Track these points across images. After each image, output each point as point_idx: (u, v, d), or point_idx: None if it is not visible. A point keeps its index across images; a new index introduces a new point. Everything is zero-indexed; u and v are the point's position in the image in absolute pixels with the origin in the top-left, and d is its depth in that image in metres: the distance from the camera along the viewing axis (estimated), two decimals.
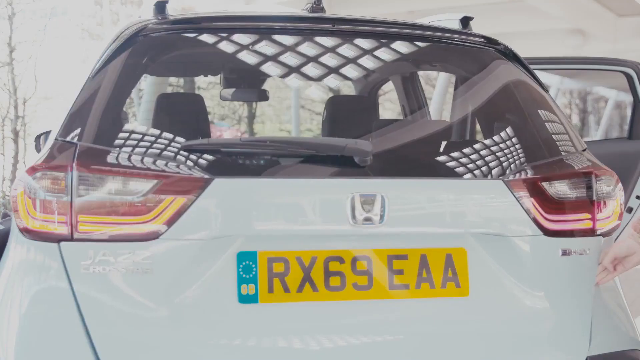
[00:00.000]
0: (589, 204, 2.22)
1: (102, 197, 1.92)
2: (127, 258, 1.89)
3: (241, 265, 1.97)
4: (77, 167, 1.92)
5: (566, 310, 2.16)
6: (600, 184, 2.27)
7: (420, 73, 4.61)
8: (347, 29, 2.39)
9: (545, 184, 2.17)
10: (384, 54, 2.42)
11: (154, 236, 1.91)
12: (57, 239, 1.95)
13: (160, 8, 2.31)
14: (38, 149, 3.61)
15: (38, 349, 1.92)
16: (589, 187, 2.22)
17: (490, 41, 2.48)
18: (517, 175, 2.17)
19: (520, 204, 2.13)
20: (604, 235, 2.28)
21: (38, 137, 3.60)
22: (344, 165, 2.07)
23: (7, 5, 17.76)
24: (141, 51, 2.20)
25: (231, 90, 3.59)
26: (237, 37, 2.30)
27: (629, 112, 4.42)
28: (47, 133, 3.04)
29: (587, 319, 2.18)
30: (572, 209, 2.20)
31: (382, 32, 2.43)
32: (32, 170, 2.00)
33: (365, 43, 2.39)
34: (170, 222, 1.91)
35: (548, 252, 2.16)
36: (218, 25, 2.34)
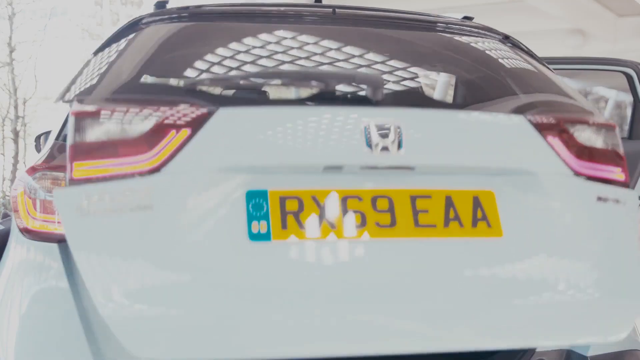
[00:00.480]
0: (618, 157, 2.12)
1: (99, 138, 1.79)
2: (125, 195, 1.75)
3: (251, 203, 1.83)
4: (72, 113, 1.81)
5: (612, 259, 2.03)
6: None
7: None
8: (347, 13, 2.37)
9: (569, 127, 2.07)
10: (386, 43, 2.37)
11: (154, 170, 1.78)
12: (57, 239, 1.94)
13: (160, 8, 2.31)
14: (38, 149, 3.61)
15: (38, 349, 1.91)
16: (615, 142, 2.13)
17: (491, 31, 2.49)
18: (541, 114, 2.07)
19: (546, 141, 2.02)
20: None
21: (38, 137, 3.61)
22: (356, 96, 1.97)
23: (7, 5, 17.79)
24: (141, 37, 2.15)
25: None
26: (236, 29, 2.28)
27: (629, 112, 4.42)
28: (47, 133, 3.05)
29: (636, 270, 2.04)
30: (601, 159, 2.09)
31: (385, 18, 2.40)
32: (32, 170, 2.01)
33: (367, 31, 2.35)
34: (172, 155, 1.79)
35: (582, 196, 2.04)
36: (218, 16, 2.31)
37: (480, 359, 2.32)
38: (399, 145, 1.88)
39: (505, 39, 2.47)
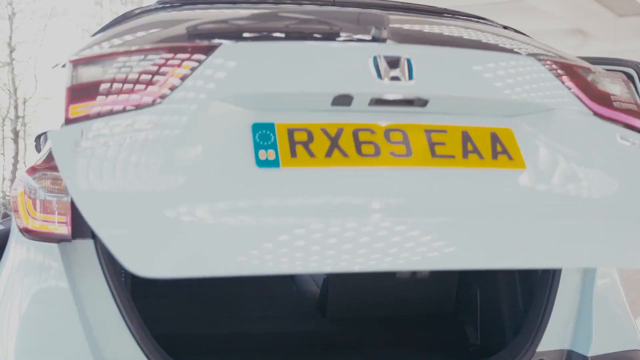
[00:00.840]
0: (637, 107, 2.05)
1: (97, 79, 1.72)
2: (124, 126, 1.68)
3: (257, 134, 1.75)
4: (70, 61, 1.75)
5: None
6: None
7: None
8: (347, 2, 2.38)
9: (582, 72, 2.02)
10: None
11: (154, 102, 1.71)
12: (58, 239, 1.95)
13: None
14: (38, 149, 3.61)
15: (37, 349, 1.92)
16: (631, 93, 2.08)
17: (489, 20, 2.51)
18: (552, 58, 2.02)
19: (561, 82, 1.96)
20: None
21: (38, 137, 3.60)
22: (362, 33, 1.91)
23: (7, 5, 17.79)
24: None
25: None
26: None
27: None
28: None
29: None
30: (620, 106, 2.03)
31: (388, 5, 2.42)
32: (32, 170, 2.00)
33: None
34: (173, 87, 1.73)
35: (605, 134, 1.98)
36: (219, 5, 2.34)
37: (480, 358, 2.33)
38: (410, 76, 1.80)
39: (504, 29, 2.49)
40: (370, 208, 1.75)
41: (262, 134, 1.76)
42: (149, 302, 2.64)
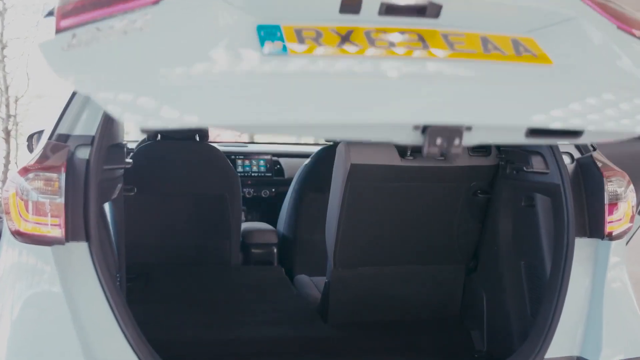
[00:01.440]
0: None
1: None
2: (120, 24, 1.65)
3: (262, 31, 1.71)
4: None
5: None
6: (611, 185, 2.22)
7: None
8: None
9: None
10: None
11: (152, 2, 1.68)
12: (50, 242, 1.93)
13: None
14: (30, 149, 3.59)
15: (30, 354, 1.91)
16: None
17: None
18: None
19: (583, 2, 1.93)
20: (615, 238, 2.24)
21: (30, 137, 3.59)
22: None
23: None
24: None
25: None
26: None
27: None
28: (40, 132, 3.01)
29: None
30: None
31: None
32: (25, 171, 1.97)
33: None
34: None
35: (630, 44, 1.92)
36: None
37: None
38: None
39: None
40: (386, 75, 1.68)
41: (268, 31, 1.72)
42: (146, 307, 2.62)
